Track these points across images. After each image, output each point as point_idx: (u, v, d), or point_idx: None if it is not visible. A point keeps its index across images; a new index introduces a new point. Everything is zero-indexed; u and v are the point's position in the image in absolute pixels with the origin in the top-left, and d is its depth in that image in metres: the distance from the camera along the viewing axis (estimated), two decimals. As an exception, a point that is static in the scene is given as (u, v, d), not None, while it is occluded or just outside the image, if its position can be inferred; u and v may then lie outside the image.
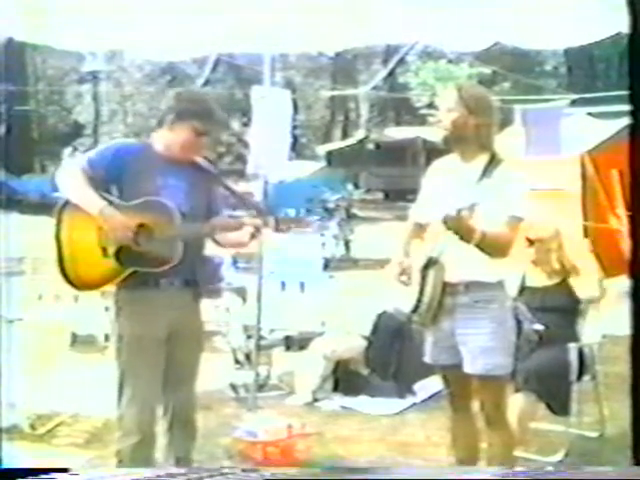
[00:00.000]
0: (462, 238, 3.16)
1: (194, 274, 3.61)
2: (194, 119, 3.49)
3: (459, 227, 3.14)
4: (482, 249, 3.20)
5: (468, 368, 3.38)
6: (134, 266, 3.43)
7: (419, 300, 3.37)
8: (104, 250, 3.44)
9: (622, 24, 3.64)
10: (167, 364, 3.56)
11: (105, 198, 3.43)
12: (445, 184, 3.46)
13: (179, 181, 3.53)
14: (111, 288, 3.51)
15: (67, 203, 3.48)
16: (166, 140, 3.55)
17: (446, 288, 3.36)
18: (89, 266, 3.47)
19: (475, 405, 3.55)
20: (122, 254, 3.43)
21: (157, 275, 3.46)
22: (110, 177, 3.45)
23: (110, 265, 3.44)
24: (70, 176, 3.47)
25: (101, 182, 3.44)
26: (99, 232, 3.43)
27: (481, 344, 3.33)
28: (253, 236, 3.60)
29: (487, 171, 3.36)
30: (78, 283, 3.53)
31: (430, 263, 3.36)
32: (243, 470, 3.52)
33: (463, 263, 3.30)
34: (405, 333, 5.73)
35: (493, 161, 3.39)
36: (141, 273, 3.44)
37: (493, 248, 3.25)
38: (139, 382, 3.50)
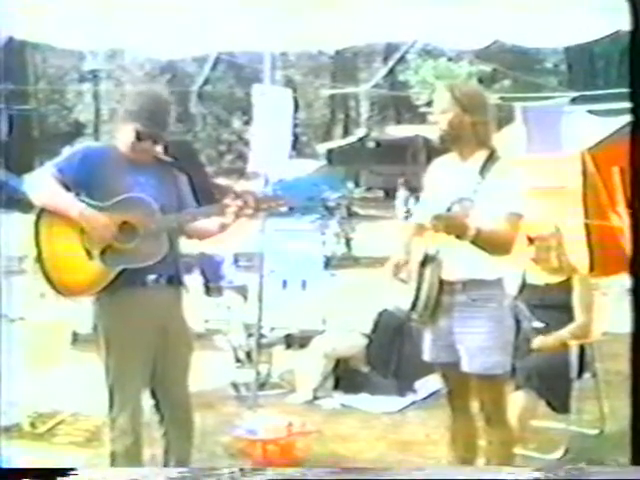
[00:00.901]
0: (456, 236, 3.17)
1: (178, 270, 3.62)
2: (136, 122, 3.48)
3: (450, 225, 3.14)
4: (480, 246, 3.20)
5: (466, 367, 3.38)
6: (121, 265, 3.41)
7: (416, 297, 3.38)
8: (88, 253, 3.42)
9: (622, 22, 3.64)
10: (158, 364, 3.57)
11: (82, 201, 3.42)
12: (445, 182, 3.46)
13: (148, 177, 3.54)
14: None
15: (42, 213, 3.44)
16: (121, 141, 3.56)
17: (444, 286, 3.35)
18: (75, 272, 3.43)
19: (474, 403, 3.55)
20: (107, 255, 3.42)
21: (143, 273, 3.46)
22: (80, 181, 3.45)
23: (97, 267, 3.42)
24: (43, 184, 3.45)
25: (72, 187, 3.44)
26: (81, 236, 3.41)
27: (479, 343, 3.32)
28: (236, 216, 3.55)
29: (485, 168, 3.36)
30: (67, 291, 3.49)
31: (427, 260, 3.37)
32: (241, 470, 3.51)
33: (461, 261, 3.30)
34: (405, 331, 5.74)
35: (491, 158, 3.39)
36: (125, 273, 3.42)
37: (492, 245, 3.24)
38: (131, 383, 3.51)
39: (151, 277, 3.49)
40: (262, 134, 5.45)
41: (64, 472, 2.98)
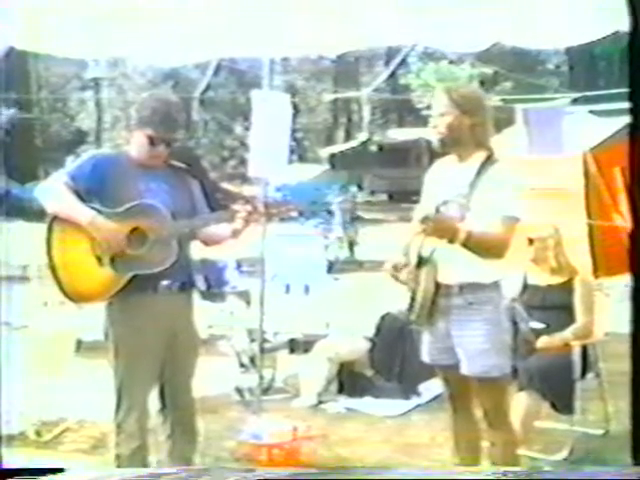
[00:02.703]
0: (447, 240, 3.18)
1: (190, 276, 3.63)
2: (148, 127, 3.50)
3: (439, 228, 3.16)
4: (472, 250, 3.20)
5: (465, 370, 3.38)
6: (132, 271, 3.44)
7: (412, 299, 3.38)
8: (99, 260, 3.44)
9: (622, 22, 3.64)
10: (166, 368, 3.59)
11: (94, 208, 3.45)
12: (441, 184, 3.47)
13: (160, 183, 3.57)
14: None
15: (54, 220, 3.47)
16: (134, 147, 3.58)
17: (441, 289, 3.35)
18: (86, 279, 3.47)
19: (476, 405, 3.55)
20: (118, 261, 3.44)
21: (155, 279, 3.48)
22: (92, 188, 3.47)
23: (108, 274, 3.44)
24: (55, 192, 3.47)
25: (84, 194, 3.46)
26: (92, 243, 3.44)
27: (476, 346, 3.32)
28: (247, 222, 3.58)
29: (482, 170, 3.36)
30: (78, 298, 3.53)
31: (421, 262, 3.37)
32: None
33: (457, 264, 3.30)
34: (409, 334, 5.72)
35: (489, 160, 3.39)
36: (137, 279, 3.44)
37: (484, 249, 3.24)
38: (139, 387, 3.54)
39: (163, 283, 3.51)
40: (261, 139, 5.46)
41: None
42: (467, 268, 3.30)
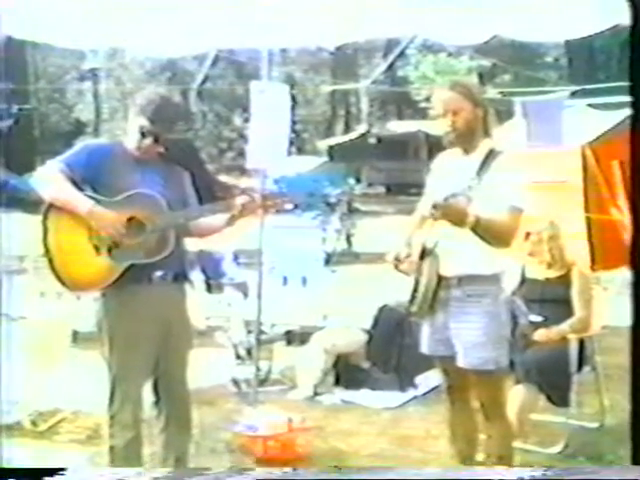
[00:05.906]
0: (455, 224, 3.16)
1: (184, 267, 3.63)
2: (141, 116, 3.50)
3: (449, 212, 3.14)
4: (480, 235, 3.19)
5: (461, 362, 3.38)
6: (128, 260, 3.44)
7: (415, 291, 3.38)
8: (96, 249, 3.44)
9: (622, 15, 3.63)
10: (160, 360, 3.58)
11: (89, 197, 3.44)
12: (447, 176, 3.45)
13: (154, 174, 3.56)
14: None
15: (50, 208, 3.46)
16: (128, 136, 3.58)
17: (441, 281, 3.34)
18: (83, 267, 3.46)
19: (473, 397, 3.55)
20: (114, 250, 3.44)
21: (150, 270, 3.47)
22: (88, 177, 3.46)
23: (104, 263, 3.44)
24: (52, 180, 3.46)
25: (80, 183, 3.45)
26: (89, 231, 3.43)
27: (473, 338, 3.32)
28: (242, 213, 3.58)
29: (487, 162, 3.34)
30: (75, 286, 3.53)
31: (425, 253, 3.36)
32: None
33: (458, 256, 3.29)
34: (406, 326, 5.73)
35: (493, 152, 3.37)
36: (133, 270, 3.44)
37: (492, 235, 3.22)
38: (133, 378, 3.53)
39: (157, 274, 3.51)
40: (260, 131, 5.45)
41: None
42: (466, 260, 3.30)
